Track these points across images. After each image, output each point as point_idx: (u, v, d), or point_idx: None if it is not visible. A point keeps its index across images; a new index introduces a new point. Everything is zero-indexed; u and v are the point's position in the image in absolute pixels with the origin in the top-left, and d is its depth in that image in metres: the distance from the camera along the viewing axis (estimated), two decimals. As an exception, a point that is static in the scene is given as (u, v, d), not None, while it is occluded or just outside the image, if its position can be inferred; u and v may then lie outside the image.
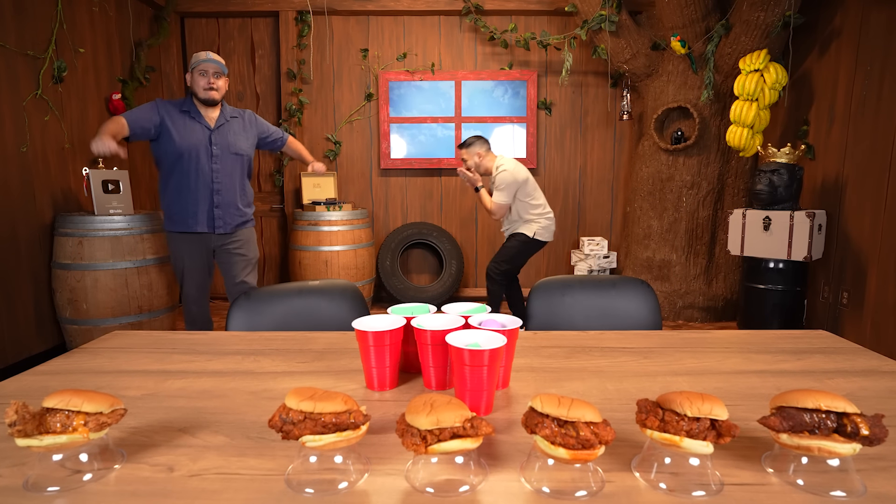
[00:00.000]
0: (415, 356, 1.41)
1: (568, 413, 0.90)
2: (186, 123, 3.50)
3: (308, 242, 5.45)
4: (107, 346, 1.71)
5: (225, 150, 3.59)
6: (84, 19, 4.78)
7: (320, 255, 5.41)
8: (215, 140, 3.56)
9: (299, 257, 5.50)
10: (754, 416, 1.18)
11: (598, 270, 6.07)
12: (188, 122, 3.50)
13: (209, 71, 3.49)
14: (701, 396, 0.94)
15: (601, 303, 2.17)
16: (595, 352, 1.63)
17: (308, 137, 6.15)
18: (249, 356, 1.61)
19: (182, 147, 3.47)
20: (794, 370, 1.47)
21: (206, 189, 3.56)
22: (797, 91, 5.07)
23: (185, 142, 3.47)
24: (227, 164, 3.60)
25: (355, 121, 6.18)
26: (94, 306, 4.11)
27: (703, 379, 1.41)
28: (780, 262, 4.48)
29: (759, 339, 1.76)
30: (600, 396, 1.30)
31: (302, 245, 5.48)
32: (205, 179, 3.55)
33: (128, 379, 1.43)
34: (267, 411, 1.23)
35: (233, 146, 3.62)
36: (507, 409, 1.24)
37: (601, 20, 5.22)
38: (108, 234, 4.11)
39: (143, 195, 5.59)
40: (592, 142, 6.26)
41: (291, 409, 0.95)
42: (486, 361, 1.15)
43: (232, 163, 3.62)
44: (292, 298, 2.11)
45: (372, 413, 1.21)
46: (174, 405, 1.26)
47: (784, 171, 4.37)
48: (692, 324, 5.44)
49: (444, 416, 0.90)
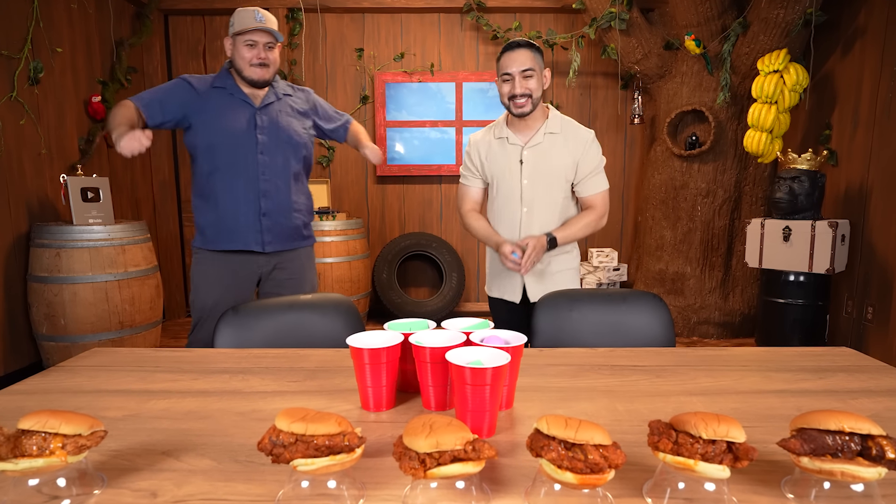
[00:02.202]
0: (413, 375, 1.42)
1: (576, 435, 0.90)
2: (224, 102, 2.80)
3: (299, 254, 5.43)
4: (86, 364, 1.71)
5: (274, 136, 2.85)
6: (62, 17, 4.80)
7: (312, 268, 5.40)
8: (261, 122, 2.83)
9: (290, 269, 5.48)
10: (773, 438, 1.19)
11: (607, 284, 6.07)
12: (226, 101, 2.81)
13: (259, 42, 2.73)
14: (717, 418, 0.94)
15: (611, 318, 2.17)
16: (604, 370, 1.64)
17: (300, 142, 6.16)
18: (237, 375, 1.61)
19: (217, 135, 2.78)
20: (815, 390, 1.48)
21: (251, 190, 2.83)
22: (819, 93, 5.09)
23: (220, 127, 2.78)
24: (277, 155, 2.86)
25: (350, 124, 6.19)
26: (73, 322, 4.11)
27: (719, 399, 1.42)
28: (800, 275, 4.48)
29: (779, 356, 1.76)
30: (610, 417, 1.31)
31: (293, 256, 5.46)
32: (249, 176, 2.82)
33: (108, 399, 1.43)
34: (256, 433, 1.23)
35: (285, 131, 2.88)
36: (511, 430, 1.24)
37: (611, 18, 5.25)
38: (87, 245, 4.11)
39: (124, 203, 5.60)
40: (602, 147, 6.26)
41: (282, 430, 0.95)
42: (489, 380, 1.15)
43: (285, 154, 2.88)
44: (283, 313, 2.11)
45: (367, 435, 1.21)
46: (157, 427, 1.26)
47: (805, 178, 4.38)
48: (707, 340, 5.43)
49: (444, 439, 0.90)
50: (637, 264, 6.02)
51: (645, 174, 5.85)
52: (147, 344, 4.49)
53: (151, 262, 4.47)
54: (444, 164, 6.20)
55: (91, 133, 5.01)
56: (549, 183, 2.70)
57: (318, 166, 6.18)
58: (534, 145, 2.70)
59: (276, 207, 2.88)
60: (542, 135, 2.70)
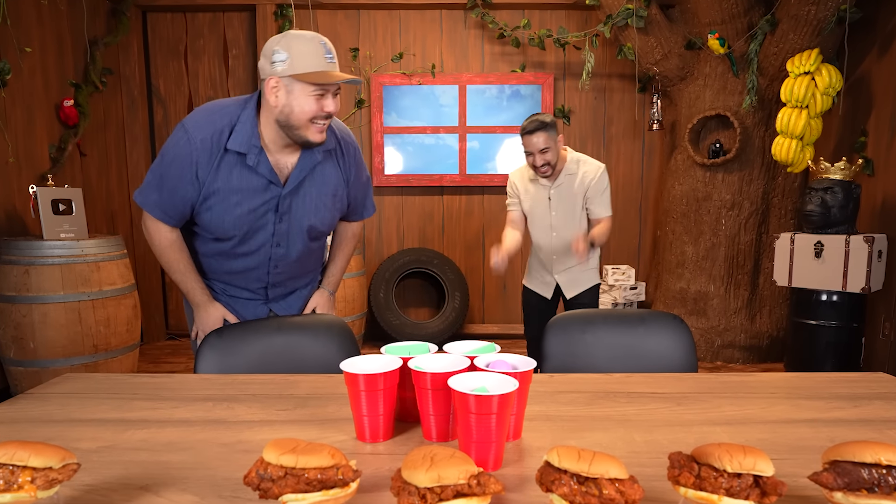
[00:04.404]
0: (412, 403, 1.42)
1: (589, 468, 0.90)
2: (241, 183, 2.22)
3: (288, 271, 5.44)
4: (57, 391, 1.71)
5: (297, 225, 2.39)
6: (31, 14, 4.81)
7: (302, 286, 5.40)
8: (283, 208, 2.32)
9: (278, 288, 5.49)
10: (804, 471, 1.19)
11: (624, 304, 6.07)
12: (244, 180, 2.22)
13: (329, 90, 2.12)
14: (743, 449, 0.94)
15: (627, 341, 2.17)
16: (621, 397, 1.64)
17: (289, 150, 6.16)
18: (222, 402, 1.62)
19: (222, 226, 2.29)
20: (850, 419, 1.48)
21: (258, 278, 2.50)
22: (853, 97, 5.11)
23: (231, 217, 2.26)
24: (296, 243, 2.43)
25: (344, 131, 6.21)
26: (43, 345, 4.11)
27: (746, 429, 1.42)
28: (833, 295, 4.48)
29: (810, 382, 1.77)
30: (626, 449, 1.31)
31: (281, 274, 5.47)
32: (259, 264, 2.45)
33: (81, 429, 1.44)
34: (242, 466, 1.23)
35: (309, 218, 2.39)
36: (519, 463, 1.24)
37: (627, 15, 5.28)
38: (58, 262, 4.12)
39: (98, 217, 5.62)
40: (617, 155, 6.30)
41: (270, 463, 0.95)
42: (495, 409, 1.15)
43: (304, 241, 2.44)
44: (271, 336, 2.11)
45: (363, 468, 1.21)
46: (135, 459, 1.27)
47: (838, 188, 4.39)
48: (732, 365, 5.43)
49: (446, 472, 0.90)
50: (656, 283, 6.02)
51: (664, 185, 5.86)
52: (123, 369, 4.48)
53: (128, 280, 4.48)
54: (447, 174, 6.22)
55: (63, 140, 5.03)
56: (570, 212, 3.75)
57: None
58: (558, 185, 3.72)
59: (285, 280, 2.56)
60: (563, 176, 3.71)
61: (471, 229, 6.38)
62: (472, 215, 6.36)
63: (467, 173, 6.23)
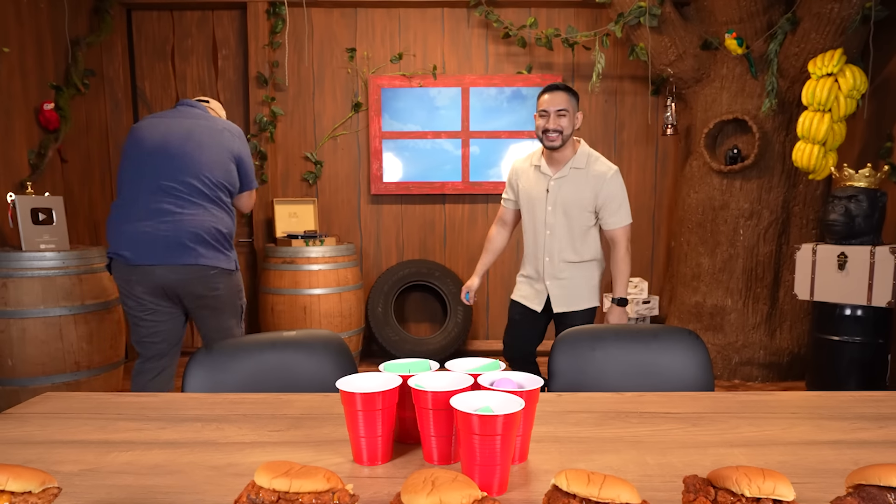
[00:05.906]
0: (413, 423, 1.42)
1: (599, 493, 0.91)
2: None
3: (283, 284, 5.48)
4: (37, 411, 1.72)
5: None
6: (9, 12, 4.81)
7: (297, 300, 5.43)
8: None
9: (272, 302, 5.52)
10: (827, 496, 1.19)
11: (636, 319, 6.07)
12: None
13: None
14: (762, 472, 0.95)
15: (640, 358, 2.18)
16: (632, 418, 1.64)
17: (282, 156, 6.21)
18: (211, 423, 1.62)
19: None
20: (875, 440, 1.48)
21: None
22: (879, 100, 5.12)
23: None
24: None
25: (340, 136, 6.25)
26: (22, 362, 4.11)
27: (765, 451, 1.42)
28: (857, 309, 4.48)
29: (833, 402, 1.77)
30: (639, 472, 1.31)
31: (275, 288, 5.51)
32: None
33: (62, 451, 1.44)
34: (232, 490, 1.23)
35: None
36: (525, 487, 1.24)
37: (640, 13, 5.29)
38: (38, 275, 4.12)
39: (80, 226, 5.63)
40: (629, 161, 6.31)
41: (262, 487, 0.96)
42: (500, 429, 1.16)
43: None
44: (263, 352, 2.12)
45: (361, 492, 1.22)
46: (119, 483, 1.27)
47: (863, 197, 4.39)
48: (751, 384, 5.42)
49: (448, 497, 0.91)
50: (670, 296, 6.02)
51: (679, 193, 5.87)
52: (107, 388, 4.48)
53: (112, 293, 4.48)
54: (449, 182, 6.23)
55: (43, 145, 5.03)
56: (569, 212, 3.51)
57: (304, 184, 6.22)
58: (560, 177, 3.49)
59: None
60: (568, 168, 3.49)
61: (474, 240, 6.38)
62: (475, 225, 6.36)
63: (470, 180, 6.23)
